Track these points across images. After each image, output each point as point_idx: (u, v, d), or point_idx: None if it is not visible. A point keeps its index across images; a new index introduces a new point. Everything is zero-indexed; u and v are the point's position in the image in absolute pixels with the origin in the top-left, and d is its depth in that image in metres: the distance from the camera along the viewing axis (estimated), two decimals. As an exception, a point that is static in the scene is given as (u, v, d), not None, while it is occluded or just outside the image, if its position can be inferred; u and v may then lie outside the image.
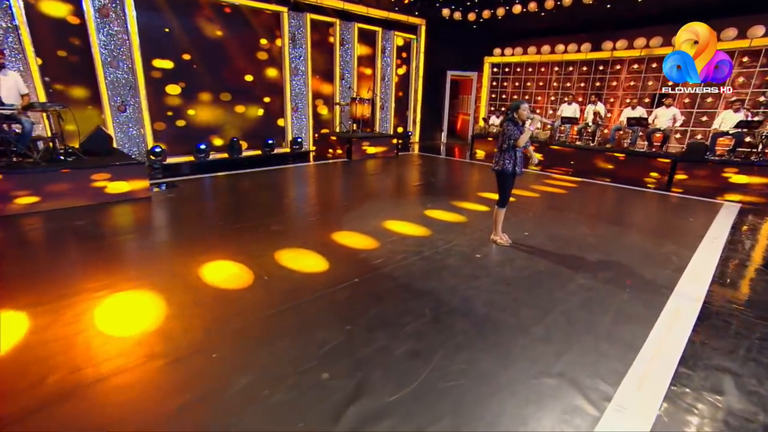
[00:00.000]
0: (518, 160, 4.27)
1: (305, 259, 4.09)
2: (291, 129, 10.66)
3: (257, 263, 3.92)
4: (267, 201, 6.37)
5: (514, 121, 4.21)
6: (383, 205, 6.18)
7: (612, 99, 11.20)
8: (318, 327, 2.92)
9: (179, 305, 3.15)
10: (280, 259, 4.05)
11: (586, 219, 5.76)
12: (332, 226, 5.10)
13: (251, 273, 3.72)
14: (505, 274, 3.84)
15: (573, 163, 9.76)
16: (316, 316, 3.07)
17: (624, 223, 5.69)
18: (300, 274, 3.76)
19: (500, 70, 13.49)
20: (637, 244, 4.80)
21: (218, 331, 2.83)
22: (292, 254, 4.19)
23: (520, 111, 4.17)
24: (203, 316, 3.01)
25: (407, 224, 5.23)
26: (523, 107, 4.17)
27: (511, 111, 4.22)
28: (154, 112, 8.38)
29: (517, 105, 4.18)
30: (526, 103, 4.22)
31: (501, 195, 4.44)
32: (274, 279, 3.62)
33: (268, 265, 3.89)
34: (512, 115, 4.21)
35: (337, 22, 10.82)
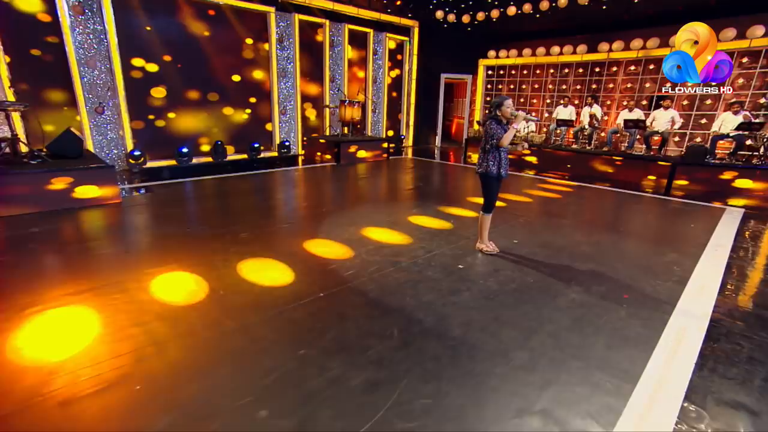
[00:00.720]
0: (503, 162, 3.87)
1: (270, 270, 3.69)
2: (279, 132, 10.29)
3: (216, 275, 3.52)
4: (243, 207, 5.97)
5: (497, 119, 3.82)
6: (365, 210, 5.79)
7: (609, 101, 10.83)
8: (268, 351, 2.52)
9: (115, 325, 2.74)
10: (242, 270, 3.65)
11: (581, 225, 5.36)
12: (307, 233, 4.70)
13: (207, 287, 3.32)
14: (489, 288, 3.43)
15: (570, 166, 9.37)
16: (269, 338, 2.66)
17: (621, 229, 5.29)
18: (260, 288, 3.35)
19: (495, 73, 13.14)
20: (635, 252, 4.39)
21: (151, 357, 2.42)
22: (257, 265, 3.79)
23: (503, 108, 3.79)
24: (138, 338, 2.61)
25: (388, 231, 4.83)
26: (507, 104, 3.79)
27: (494, 108, 3.84)
28: (134, 114, 8.03)
29: (500, 102, 3.80)
30: (510, 100, 3.83)
31: (486, 199, 4.05)
32: (230, 293, 3.22)
33: (228, 278, 3.49)
34: (495, 113, 3.83)
35: (327, 23, 10.49)
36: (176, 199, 6.16)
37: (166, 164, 8.41)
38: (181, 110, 8.67)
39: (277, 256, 3.98)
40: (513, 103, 3.85)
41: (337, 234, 4.67)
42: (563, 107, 10.24)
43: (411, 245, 4.38)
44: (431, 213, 5.63)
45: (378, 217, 5.38)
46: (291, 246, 4.27)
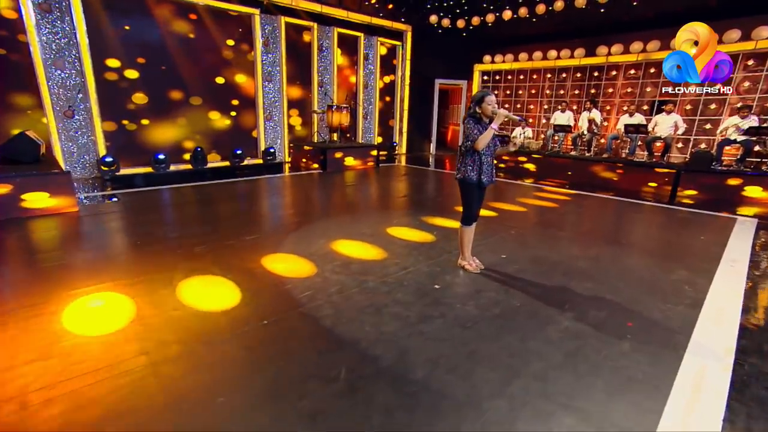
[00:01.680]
0: (485, 167, 3.34)
1: (214, 291, 3.16)
2: (264, 139, 9.82)
3: (151, 298, 2.98)
4: (210, 217, 5.45)
5: (476, 117, 3.30)
6: (342, 221, 5.26)
7: (608, 106, 10.32)
8: (181, 402, 1.97)
9: (3, 363, 2.21)
10: (182, 291, 3.11)
11: (579, 237, 4.80)
12: (270, 247, 4.17)
13: (134, 311, 2.79)
14: (467, 314, 2.88)
15: (570, 173, 8.84)
16: (185, 383, 2.12)
17: (623, 242, 4.73)
18: (195, 313, 2.82)
19: (491, 78, 12.69)
20: (639, 269, 3.83)
21: (29, 411, 1.88)
22: (202, 285, 3.25)
23: (483, 105, 3.27)
24: (27, 377, 2.07)
25: (361, 245, 4.30)
26: (489, 100, 3.27)
27: (474, 105, 3.32)
28: (107, 119, 7.57)
29: (481, 97, 3.28)
30: (493, 96, 3.31)
31: (464, 210, 3.51)
32: (158, 321, 2.68)
33: (164, 300, 2.95)
34: (474, 110, 3.31)
35: (315, 26, 10.08)
36: (142, 208, 5.65)
37: (142, 171, 7.92)
38: (159, 115, 8.20)
39: (228, 273, 3.45)
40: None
41: (303, 247, 4.14)
42: (561, 112, 9.76)
43: (384, 261, 3.84)
44: (414, 224, 5.10)
45: (354, 229, 4.85)
46: (248, 262, 3.73)
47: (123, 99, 7.70)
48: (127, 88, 7.70)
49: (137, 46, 7.65)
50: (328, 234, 4.61)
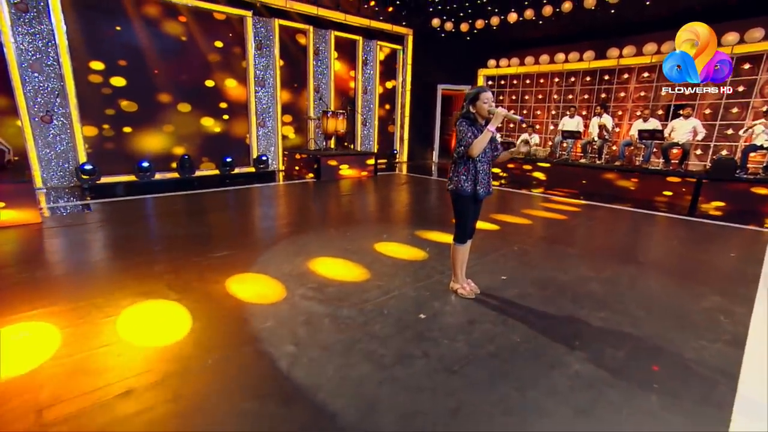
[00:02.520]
0: (481, 176, 2.87)
1: (162, 320, 2.71)
2: (257, 146, 9.46)
3: (82, 330, 2.54)
4: (185, 230, 5.03)
5: (470, 118, 2.84)
6: (327, 235, 4.80)
7: (620, 111, 9.82)
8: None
9: None
10: (125, 319, 2.67)
11: (591, 254, 4.29)
12: (240, 265, 3.72)
13: (54, 349, 2.34)
14: (455, 352, 2.40)
15: (581, 182, 8.32)
16: (81, 450, 1.65)
17: (641, 260, 4.20)
18: (129, 349, 2.36)
19: (495, 83, 12.26)
20: (663, 294, 3.32)
21: None
22: (150, 311, 2.81)
23: (478, 103, 2.81)
24: None
25: (343, 263, 3.83)
26: (484, 97, 2.81)
27: (468, 103, 2.86)
28: (88, 124, 7.24)
29: (475, 94, 2.82)
30: (489, 93, 2.85)
31: (458, 226, 3.04)
32: (75, 363, 2.23)
33: (97, 333, 2.51)
34: (468, 110, 2.85)
35: (311, 30, 9.76)
36: (115, 220, 5.25)
37: (125, 180, 7.57)
38: (145, 120, 7.87)
39: (184, 297, 3.00)
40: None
41: (277, 266, 3.68)
42: (569, 118, 9.28)
43: (365, 283, 3.37)
44: (405, 239, 4.62)
45: (339, 244, 4.39)
46: (210, 283, 3.28)
47: (105, 103, 7.38)
48: (110, 92, 7.39)
49: (121, 49, 7.35)
50: (309, 250, 4.16)
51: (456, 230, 3.04)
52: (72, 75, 6.85)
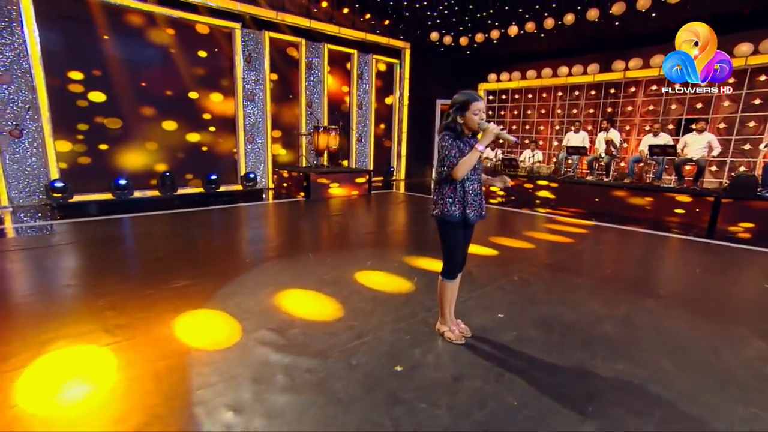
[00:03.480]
0: (470, 198, 2.42)
1: (82, 374, 2.23)
2: (245, 163, 9.09)
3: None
4: (147, 255, 4.58)
5: (456, 130, 2.40)
6: (304, 261, 4.34)
7: (627, 126, 9.42)
8: None
9: None
10: (35, 374, 2.20)
11: (602, 285, 3.79)
12: (199, 299, 3.25)
13: (-72, 414, 1.87)
14: (435, 424, 1.90)
15: (588, 201, 7.84)
16: None
17: (661, 292, 3.70)
18: (25, 419, 1.88)
19: (496, 98, 11.95)
20: (692, 337, 2.81)
21: None
22: (70, 361, 2.34)
23: (468, 114, 2.37)
24: None
25: (316, 296, 3.36)
26: (475, 107, 2.36)
27: (454, 112, 2.42)
28: (61, 138, 6.90)
29: (464, 102, 2.38)
30: (482, 101, 2.41)
31: (446, 258, 2.57)
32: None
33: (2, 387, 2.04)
34: (454, 120, 2.41)
35: (303, 43, 9.50)
36: (76, 242, 4.82)
37: (101, 198, 7.17)
38: (123, 135, 7.53)
39: (117, 343, 2.53)
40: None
41: (240, 300, 3.21)
42: (574, 133, 8.88)
43: (337, 323, 2.89)
44: (392, 266, 4.15)
45: (315, 273, 3.92)
46: (155, 323, 2.81)
47: (81, 117, 7.06)
48: (87, 104, 7.07)
49: (99, 60, 7.07)
50: (280, 280, 3.69)
51: (444, 263, 2.57)
52: (45, 87, 6.54)
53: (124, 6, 7.14)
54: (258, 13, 8.59)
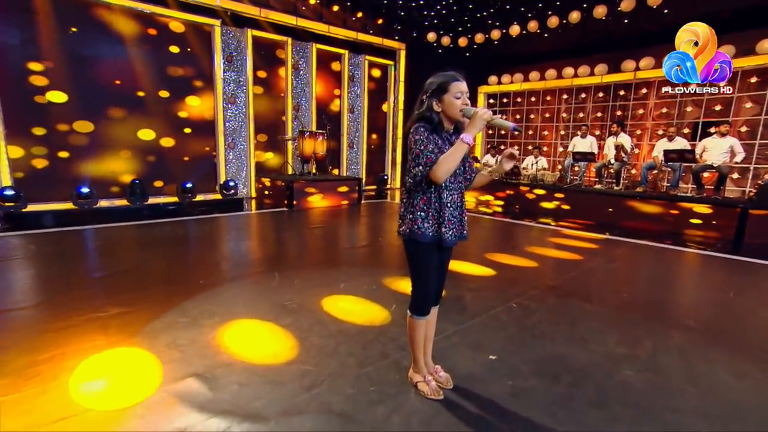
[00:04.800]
0: (449, 213, 1.89)
1: None
2: (224, 170, 8.61)
3: None
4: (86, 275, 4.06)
5: (432, 121, 1.88)
6: (267, 284, 3.80)
7: (639, 130, 8.93)
8: None
9: None
10: None
11: (616, 314, 3.24)
12: (126, 332, 2.72)
13: None
14: None
15: (602, 211, 7.31)
16: None
17: (690, 323, 3.14)
18: None
19: (497, 102, 11.50)
20: (739, 384, 2.25)
21: None
22: None
23: (447, 98, 1.86)
24: None
25: (270, 328, 2.83)
26: (456, 88, 1.85)
27: (429, 98, 1.90)
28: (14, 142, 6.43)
29: (441, 84, 1.87)
30: (463, 82, 1.90)
31: (415, 289, 2.02)
32: None
33: None
34: (430, 108, 1.89)
35: (289, 41, 9.09)
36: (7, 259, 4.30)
37: (60, 208, 6.67)
38: (88, 138, 7.05)
39: None
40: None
41: (173, 336, 2.68)
42: (581, 138, 8.38)
43: (288, 367, 2.34)
44: (368, 290, 3.61)
45: (277, 297, 3.39)
46: (58, 369, 2.28)
47: (39, 118, 6.58)
48: (45, 103, 6.59)
49: (63, 55, 6.62)
50: (232, 308, 3.16)
51: (412, 296, 2.03)
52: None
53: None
54: (240, 9, 8.18)
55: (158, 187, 7.85)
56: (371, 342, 2.64)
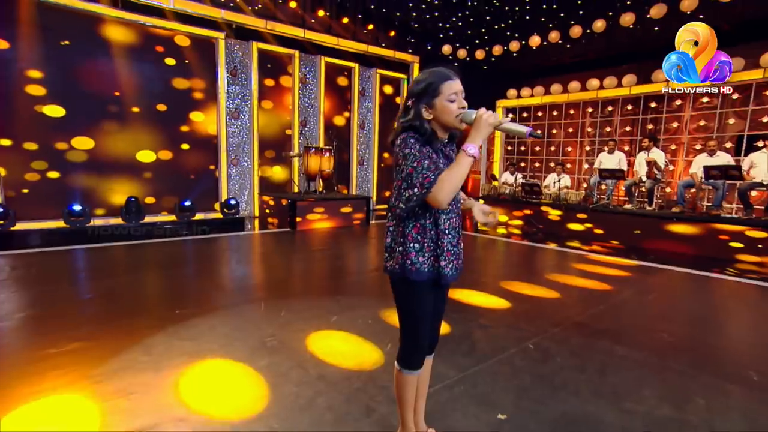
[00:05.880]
0: (447, 242, 1.56)
1: None
2: (226, 188, 8.45)
3: None
4: (51, 302, 3.83)
5: (423, 131, 1.53)
6: (250, 316, 3.49)
7: (673, 145, 8.43)
8: None
9: None
10: None
11: (657, 359, 2.79)
12: (76, 371, 2.44)
13: None
14: None
15: (634, 234, 6.81)
16: None
17: (752, 374, 2.66)
18: None
19: (518, 117, 11.16)
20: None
21: None
22: None
23: (440, 102, 1.53)
24: None
25: (243, 372, 2.49)
26: (449, 89, 1.52)
27: (416, 102, 1.56)
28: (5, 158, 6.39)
29: (431, 85, 1.53)
30: (457, 80, 1.57)
31: (405, 336, 1.66)
32: None
33: None
34: (418, 116, 1.54)
35: (296, 54, 9.00)
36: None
37: (51, 226, 6.57)
38: (84, 154, 6.99)
39: None
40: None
41: (128, 381, 2.37)
42: (608, 154, 7.96)
43: (250, 424, 2.00)
44: (362, 324, 3.25)
45: (257, 332, 3.06)
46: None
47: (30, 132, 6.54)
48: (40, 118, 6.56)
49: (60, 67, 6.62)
50: (203, 344, 2.85)
51: (401, 344, 1.67)
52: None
53: (90, 12, 6.75)
54: (245, 21, 8.16)
55: (155, 205, 7.72)
56: (356, 392, 2.27)
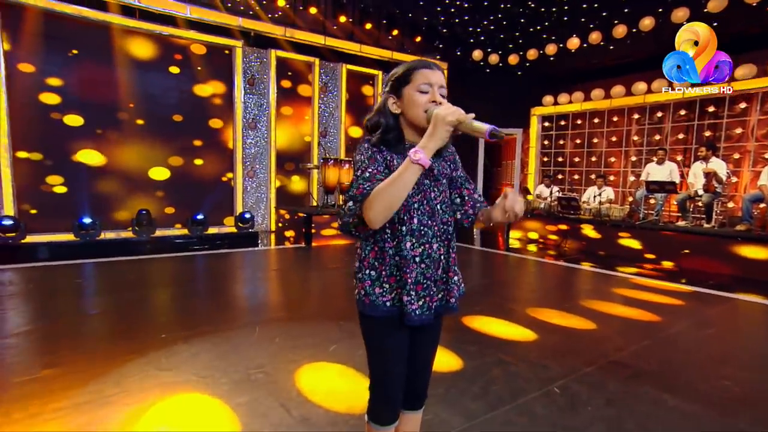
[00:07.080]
0: (416, 273, 1.29)
1: None
2: (242, 202, 8.42)
3: None
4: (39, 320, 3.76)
5: (389, 130, 1.32)
6: (239, 342, 3.28)
7: (736, 155, 7.77)
8: None
9: None
10: None
11: (716, 414, 2.36)
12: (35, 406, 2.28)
13: None
14: None
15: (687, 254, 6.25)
16: None
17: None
18: None
19: (554, 125, 10.71)
20: None
21: None
22: None
23: (408, 94, 1.30)
24: None
25: (217, 411, 2.27)
26: (422, 78, 1.29)
27: (387, 93, 1.33)
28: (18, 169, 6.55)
29: (402, 75, 1.31)
30: (436, 71, 1.32)
31: (371, 382, 1.40)
32: None
33: None
34: (382, 110, 1.33)
35: (317, 62, 8.97)
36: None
37: (61, 239, 6.67)
38: (96, 166, 7.12)
39: None
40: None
41: (86, 418, 2.20)
42: (657, 165, 7.44)
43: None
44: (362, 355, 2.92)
45: (244, 362, 2.84)
46: None
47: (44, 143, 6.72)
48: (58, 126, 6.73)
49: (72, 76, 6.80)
50: (181, 374, 2.65)
51: (370, 392, 1.40)
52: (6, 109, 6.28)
53: (105, 22, 6.93)
54: (263, 29, 8.20)
55: (168, 218, 7.75)
56: (339, 443, 2.00)
